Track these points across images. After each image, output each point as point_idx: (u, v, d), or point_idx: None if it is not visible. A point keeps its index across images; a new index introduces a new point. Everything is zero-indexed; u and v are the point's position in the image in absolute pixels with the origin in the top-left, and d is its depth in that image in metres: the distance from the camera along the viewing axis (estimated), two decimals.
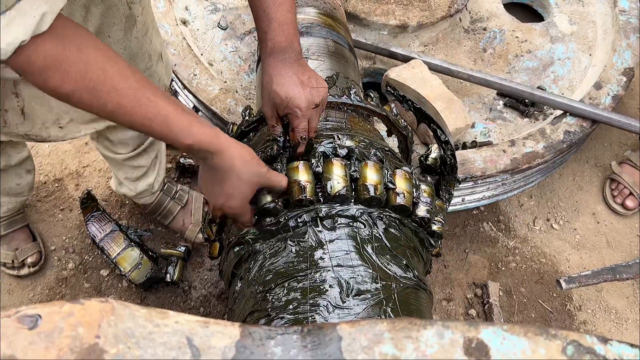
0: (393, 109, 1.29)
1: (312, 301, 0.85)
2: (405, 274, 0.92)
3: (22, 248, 1.65)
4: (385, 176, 0.97)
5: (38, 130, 1.12)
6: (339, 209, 0.94)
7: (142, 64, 1.20)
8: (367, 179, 0.95)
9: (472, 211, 1.83)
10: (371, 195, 0.93)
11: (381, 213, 0.96)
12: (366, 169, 0.96)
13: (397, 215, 0.98)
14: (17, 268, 1.65)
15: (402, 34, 1.88)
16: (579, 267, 1.76)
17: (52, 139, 1.15)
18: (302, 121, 0.95)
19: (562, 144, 1.65)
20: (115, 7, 1.04)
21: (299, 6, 1.45)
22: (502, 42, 1.96)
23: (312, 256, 0.90)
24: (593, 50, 1.95)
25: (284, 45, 0.96)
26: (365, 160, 0.97)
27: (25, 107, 1.07)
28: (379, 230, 0.95)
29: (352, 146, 0.99)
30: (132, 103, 0.75)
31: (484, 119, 1.78)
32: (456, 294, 1.68)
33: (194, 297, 1.65)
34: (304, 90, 0.95)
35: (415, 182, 1.01)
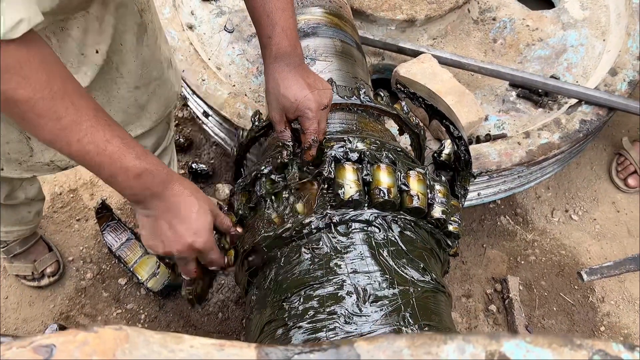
0: (404, 107, 1.27)
1: (329, 309, 0.84)
2: (422, 277, 0.91)
3: (40, 259, 1.67)
4: (399, 178, 0.96)
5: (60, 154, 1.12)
6: (352, 214, 0.92)
7: (155, 71, 1.20)
8: (380, 182, 0.93)
9: (489, 205, 1.81)
10: (385, 199, 0.92)
11: (395, 216, 0.94)
12: (379, 172, 0.94)
13: (412, 217, 0.96)
14: (37, 279, 1.67)
15: (410, 29, 1.86)
16: (600, 257, 1.72)
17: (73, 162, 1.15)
18: (313, 122, 0.95)
19: (578, 133, 1.61)
20: (129, 16, 1.04)
21: (304, 6, 1.44)
22: (513, 31, 1.92)
23: (327, 263, 0.89)
24: (607, 36, 1.91)
25: (289, 50, 0.95)
26: (377, 163, 0.96)
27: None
28: (394, 233, 0.94)
29: (363, 149, 0.98)
30: (90, 123, 0.72)
31: (497, 111, 1.75)
32: (475, 289, 1.66)
33: (212, 303, 1.65)
34: (312, 92, 0.95)
35: (430, 183, 0.99)
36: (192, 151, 1.94)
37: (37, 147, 1.08)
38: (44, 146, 1.09)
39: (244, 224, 1.04)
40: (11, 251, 1.65)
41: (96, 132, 0.73)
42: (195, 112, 1.83)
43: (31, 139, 1.06)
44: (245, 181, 1.03)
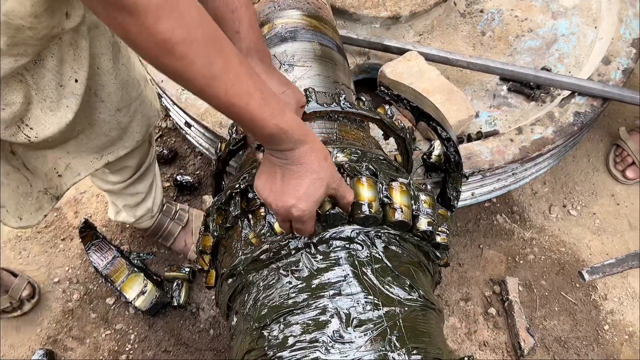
0: (388, 111, 1.21)
1: (311, 337, 0.79)
2: (409, 295, 0.86)
3: (12, 287, 1.60)
4: (380, 191, 0.90)
5: (48, 182, 1.10)
6: (332, 231, 0.87)
7: (133, 91, 1.16)
8: (361, 196, 0.88)
9: (484, 204, 1.76)
10: (366, 214, 0.86)
11: (379, 231, 0.89)
12: (359, 186, 0.89)
13: (397, 231, 0.91)
14: (18, 308, 1.61)
15: (395, 26, 1.80)
16: (601, 253, 1.67)
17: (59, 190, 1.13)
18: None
19: (572, 126, 1.56)
20: (101, 37, 1.00)
21: (281, 9, 1.38)
22: (501, 23, 1.87)
23: (307, 286, 0.84)
24: (598, 23, 1.85)
25: (259, 45, 0.94)
26: (357, 176, 0.91)
27: (25, 163, 1.05)
28: (378, 249, 0.88)
29: (342, 162, 0.92)
30: (235, 72, 0.67)
31: (488, 107, 1.69)
32: (474, 292, 1.61)
33: (203, 319, 1.60)
34: (290, 89, 0.94)
35: (414, 193, 0.94)
36: (177, 162, 1.88)
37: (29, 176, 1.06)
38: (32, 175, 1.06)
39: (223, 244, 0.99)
40: None
41: (241, 83, 0.68)
42: (178, 123, 1.77)
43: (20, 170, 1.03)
44: (220, 200, 0.97)
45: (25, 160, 1.04)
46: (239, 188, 0.94)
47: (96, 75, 1.05)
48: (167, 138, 1.95)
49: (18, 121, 0.90)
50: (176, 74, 0.63)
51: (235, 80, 0.67)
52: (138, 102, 1.22)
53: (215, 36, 0.64)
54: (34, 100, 0.90)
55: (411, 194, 0.93)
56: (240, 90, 0.68)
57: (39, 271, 1.71)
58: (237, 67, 0.68)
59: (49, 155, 1.07)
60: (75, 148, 1.11)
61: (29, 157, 1.05)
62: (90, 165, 1.16)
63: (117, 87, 1.11)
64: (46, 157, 1.07)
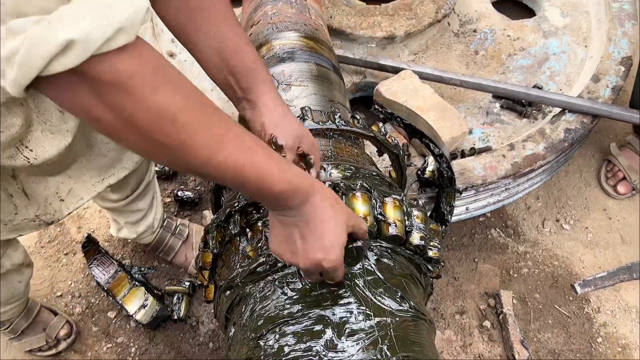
0: (382, 128, 1.26)
1: (306, 346, 0.82)
2: (400, 306, 0.89)
3: (50, 325, 1.60)
4: (375, 207, 0.94)
5: (44, 207, 1.10)
6: None
7: None
8: (355, 210, 0.92)
9: (478, 218, 1.79)
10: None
11: (371, 244, 0.93)
12: (354, 201, 0.93)
13: (390, 245, 0.95)
14: (53, 347, 1.61)
15: (390, 45, 1.85)
16: (593, 267, 1.70)
17: (58, 214, 1.12)
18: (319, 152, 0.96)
19: (563, 142, 1.60)
20: None
21: (279, 31, 1.43)
22: (494, 42, 1.92)
23: (302, 297, 0.87)
24: (588, 42, 1.90)
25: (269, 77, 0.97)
26: (351, 192, 0.94)
27: (25, 187, 1.05)
28: (370, 262, 0.92)
29: (336, 179, 0.96)
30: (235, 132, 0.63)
31: (481, 124, 1.74)
32: (469, 306, 1.64)
33: (203, 333, 1.63)
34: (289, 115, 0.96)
35: (407, 209, 0.97)
36: (178, 178, 1.92)
37: (21, 203, 1.06)
38: (27, 201, 1.06)
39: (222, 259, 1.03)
40: (17, 328, 1.56)
41: (243, 141, 0.64)
42: None
43: (14, 196, 1.04)
44: (220, 218, 1.01)
45: (25, 185, 1.04)
46: (238, 206, 0.98)
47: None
48: None
49: (17, 142, 0.89)
50: (179, 149, 0.58)
51: (237, 140, 0.63)
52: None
53: (206, 100, 0.61)
54: (35, 122, 0.90)
55: (404, 209, 0.97)
56: (244, 148, 0.64)
57: (42, 285, 1.75)
58: (235, 126, 0.64)
59: (51, 180, 1.08)
60: (76, 172, 1.11)
61: (31, 182, 1.05)
62: (92, 189, 1.16)
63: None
64: (48, 181, 1.07)
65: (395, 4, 1.87)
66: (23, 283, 1.43)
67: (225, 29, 0.92)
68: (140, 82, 0.52)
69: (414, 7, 1.86)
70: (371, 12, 1.85)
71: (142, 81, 0.52)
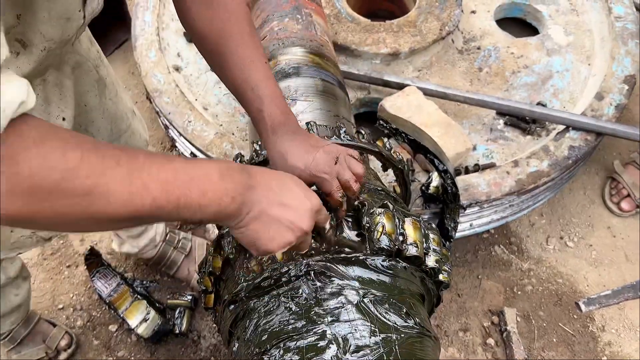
0: (387, 143, 1.26)
1: None
2: (406, 322, 0.88)
3: (50, 336, 1.60)
4: (397, 226, 0.93)
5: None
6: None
7: (123, 123, 1.20)
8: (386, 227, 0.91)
9: (482, 235, 1.79)
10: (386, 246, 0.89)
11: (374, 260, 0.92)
12: (377, 219, 0.92)
13: (405, 263, 0.94)
14: (53, 358, 1.60)
15: (394, 61, 1.87)
16: (598, 285, 1.69)
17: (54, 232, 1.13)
18: (333, 182, 0.87)
19: (567, 160, 1.60)
20: (86, 74, 1.03)
21: (285, 46, 1.45)
22: (498, 59, 1.93)
23: (307, 312, 0.87)
24: (592, 60, 1.92)
25: (283, 119, 0.90)
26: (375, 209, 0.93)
27: None
28: (375, 277, 0.91)
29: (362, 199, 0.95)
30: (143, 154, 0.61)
31: (485, 140, 1.74)
32: (472, 323, 1.63)
33: (204, 347, 1.62)
34: (318, 153, 0.88)
35: (424, 231, 0.97)
36: None
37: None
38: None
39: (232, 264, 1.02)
40: (16, 337, 1.55)
41: (154, 158, 0.61)
42: (184, 153, 1.82)
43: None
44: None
45: None
46: None
47: (85, 112, 1.08)
48: None
49: None
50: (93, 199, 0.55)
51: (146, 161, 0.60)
52: (128, 134, 1.25)
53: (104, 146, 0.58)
54: None
55: (422, 231, 0.96)
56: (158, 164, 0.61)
57: (43, 297, 1.74)
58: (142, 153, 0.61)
59: None
60: None
61: None
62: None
63: (107, 122, 1.15)
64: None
65: (399, 21, 1.89)
66: (20, 296, 1.42)
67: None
68: (25, 155, 0.51)
69: (418, 24, 1.87)
70: (376, 29, 1.87)
71: (27, 154, 0.51)
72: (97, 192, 0.55)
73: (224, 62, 0.91)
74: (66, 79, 0.97)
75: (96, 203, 0.56)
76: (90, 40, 1.07)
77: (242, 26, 0.91)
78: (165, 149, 2.05)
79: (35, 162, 0.52)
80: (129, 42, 2.36)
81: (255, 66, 0.90)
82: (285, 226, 0.72)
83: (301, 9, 1.56)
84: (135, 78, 2.25)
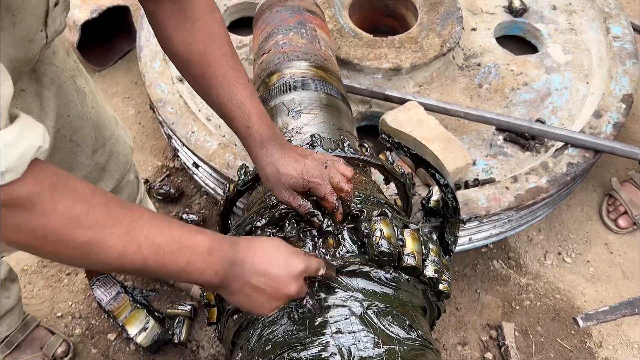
0: (389, 157, 1.28)
1: None
2: (409, 334, 0.89)
3: (47, 344, 1.60)
4: (396, 233, 0.94)
5: None
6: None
7: (106, 131, 1.22)
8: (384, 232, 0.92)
9: (481, 249, 1.80)
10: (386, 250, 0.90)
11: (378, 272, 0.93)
12: (375, 226, 0.93)
13: (404, 274, 0.95)
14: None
15: (396, 76, 1.89)
16: (595, 301, 1.70)
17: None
18: (326, 186, 0.92)
19: (565, 176, 1.62)
20: (64, 86, 1.05)
21: (290, 60, 1.47)
22: (498, 76, 1.96)
23: (311, 323, 0.88)
24: (590, 79, 1.95)
25: (270, 133, 0.95)
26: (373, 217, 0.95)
27: None
28: (378, 289, 0.93)
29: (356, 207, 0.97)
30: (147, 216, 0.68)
31: (485, 156, 1.76)
32: (471, 337, 1.63)
33: (203, 357, 1.61)
34: (307, 160, 0.93)
35: (424, 240, 0.98)
36: (183, 201, 1.94)
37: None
38: None
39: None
40: (13, 342, 1.55)
41: (156, 221, 0.68)
42: (186, 163, 1.84)
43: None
44: (240, 233, 1.02)
45: None
46: (258, 224, 0.99)
47: (68, 122, 1.10)
48: (174, 177, 2.01)
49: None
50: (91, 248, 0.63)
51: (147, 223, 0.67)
52: (112, 142, 1.27)
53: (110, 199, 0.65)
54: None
55: (421, 241, 0.97)
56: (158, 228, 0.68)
57: (42, 305, 1.74)
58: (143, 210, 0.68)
59: None
60: None
61: None
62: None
63: (90, 130, 1.17)
64: None
65: (401, 37, 1.92)
66: (11, 299, 1.44)
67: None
68: (39, 199, 0.58)
69: (419, 40, 1.90)
70: (378, 44, 1.89)
71: (40, 199, 0.58)
72: (95, 242, 0.63)
73: (209, 84, 0.94)
74: (45, 90, 0.99)
75: (93, 252, 0.63)
76: (67, 52, 1.09)
77: (224, 48, 0.95)
78: (167, 158, 2.07)
79: (47, 208, 0.59)
80: (132, 52, 2.38)
81: (239, 85, 0.94)
82: (269, 294, 0.78)
83: (305, 24, 1.59)
84: (138, 88, 2.27)
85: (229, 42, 0.96)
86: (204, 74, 0.94)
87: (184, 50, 0.92)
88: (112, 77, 2.33)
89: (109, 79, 2.32)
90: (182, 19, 0.91)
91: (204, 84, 0.95)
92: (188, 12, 0.91)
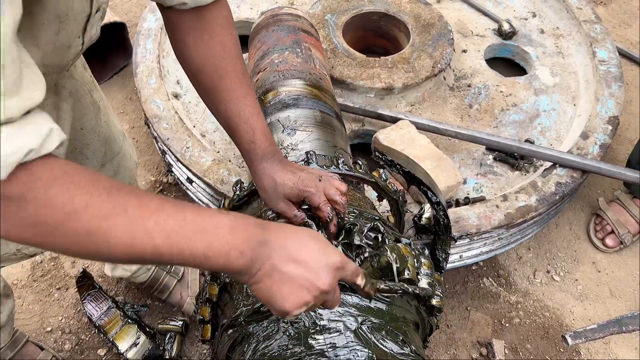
0: (382, 174, 1.30)
1: None
2: (402, 349, 0.91)
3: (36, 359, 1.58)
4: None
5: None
6: None
7: (115, 146, 1.24)
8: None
9: (471, 267, 1.82)
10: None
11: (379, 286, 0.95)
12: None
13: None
14: None
15: (388, 96, 1.93)
16: (583, 319, 1.72)
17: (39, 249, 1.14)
18: (320, 196, 0.94)
19: (554, 195, 1.66)
20: (82, 98, 1.07)
21: (285, 78, 1.50)
22: (487, 97, 2.00)
23: (305, 338, 0.89)
24: (577, 101, 2.00)
25: (271, 148, 1.00)
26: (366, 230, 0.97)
27: None
28: (373, 304, 0.94)
29: (349, 221, 0.99)
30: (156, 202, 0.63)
31: (475, 175, 1.79)
32: (461, 354, 1.64)
33: None
34: (303, 173, 0.98)
35: (416, 253, 1.00)
36: None
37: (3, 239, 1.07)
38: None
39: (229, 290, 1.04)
40: (2, 358, 1.53)
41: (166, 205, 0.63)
42: (180, 178, 1.85)
43: None
44: None
45: None
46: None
47: (81, 135, 1.12)
48: (167, 193, 2.02)
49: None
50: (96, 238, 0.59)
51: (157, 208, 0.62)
52: (120, 156, 1.30)
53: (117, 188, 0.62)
54: None
55: (414, 254, 1.00)
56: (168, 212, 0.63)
57: (31, 320, 1.72)
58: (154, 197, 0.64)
59: None
60: None
61: None
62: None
63: (101, 144, 1.19)
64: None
65: (394, 58, 1.96)
66: (4, 314, 1.41)
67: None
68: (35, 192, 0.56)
69: (411, 61, 1.94)
70: (371, 64, 1.93)
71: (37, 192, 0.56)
72: (98, 234, 0.59)
73: (219, 97, 0.98)
74: (63, 102, 1.01)
75: (97, 244, 0.60)
76: (84, 66, 1.12)
77: (237, 64, 0.98)
78: (161, 173, 2.07)
79: (41, 202, 0.56)
80: (127, 68, 2.40)
81: (247, 101, 0.98)
82: (299, 285, 0.69)
83: (301, 43, 1.62)
84: (133, 103, 2.29)
85: (242, 59, 1.00)
86: (215, 86, 0.97)
87: (198, 61, 0.95)
88: (107, 92, 2.35)
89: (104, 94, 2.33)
90: (201, 31, 0.94)
91: (213, 95, 0.98)
92: (207, 25, 0.94)
